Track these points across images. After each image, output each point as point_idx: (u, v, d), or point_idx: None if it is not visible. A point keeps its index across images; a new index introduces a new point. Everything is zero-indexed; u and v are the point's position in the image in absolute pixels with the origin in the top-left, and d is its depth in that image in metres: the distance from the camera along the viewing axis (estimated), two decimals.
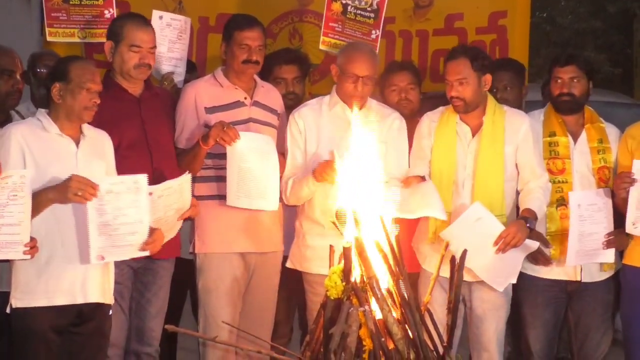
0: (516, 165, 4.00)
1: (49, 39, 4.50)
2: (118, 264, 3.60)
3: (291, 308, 4.43)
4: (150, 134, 3.85)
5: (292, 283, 4.15)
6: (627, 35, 10.92)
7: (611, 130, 4.11)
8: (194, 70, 4.88)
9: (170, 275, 3.94)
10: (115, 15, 4.50)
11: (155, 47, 3.92)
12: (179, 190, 3.57)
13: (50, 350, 3.40)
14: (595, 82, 4.18)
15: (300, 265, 4.02)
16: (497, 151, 3.91)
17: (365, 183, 3.14)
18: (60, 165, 3.39)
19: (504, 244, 3.72)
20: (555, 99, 4.07)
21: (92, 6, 4.43)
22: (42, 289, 3.37)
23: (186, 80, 4.49)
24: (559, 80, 4.04)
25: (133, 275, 3.82)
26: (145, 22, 3.94)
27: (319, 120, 3.97)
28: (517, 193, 4.02)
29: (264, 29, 4.20)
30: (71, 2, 4.48)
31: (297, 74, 4.52)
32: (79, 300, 3.43)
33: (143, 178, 3.42)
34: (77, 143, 3.47)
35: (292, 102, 4.40)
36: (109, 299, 3.55)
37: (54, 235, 3.38)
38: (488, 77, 3.98)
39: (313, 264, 3.89)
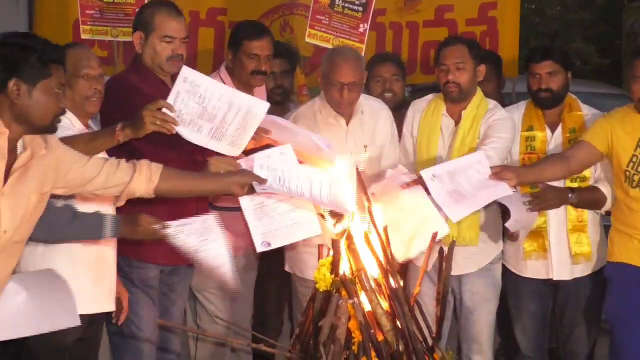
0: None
1: (83, 36, 4.40)
2: (147, 267, 3.51)
3: (281, 302, 4.41)
4: None
5: (282, 278, 4.13)
6: (615, 27, 10.89)
7: (594, 119, 3.99)
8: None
9: (190, 280, 3.82)
10: None
11: (187, 37, 3.65)
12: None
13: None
14: (584, 73, 4.12)
15: (296, 269, 3.95)
16: (470, 147, 3.84)
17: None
18: None
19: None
20: (535, 95, 3.99)
21: (125, 4, 4.32)
22: None
23: None
24: (537, 76, 3.95)
25: (159, 277, 3.64)
26: (177, 10, 3.64)
27: (314, 128, 3.77)
28: None
29: (273, 38, 4.09)
30: (105, 0, 4.39)
31: (286, 67, 4.47)
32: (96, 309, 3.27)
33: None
34: None
35: (280, 97, 4.35)
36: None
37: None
38: (482, 68, 3.94)
39: (306, 268, 3.78)
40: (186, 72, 3.15)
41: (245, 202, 3.16)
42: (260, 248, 3.18)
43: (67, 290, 2.94)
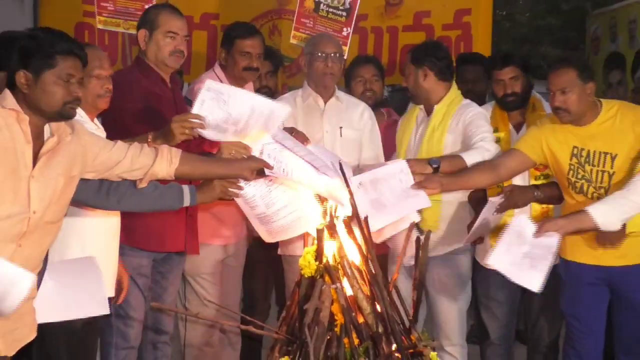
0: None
1: (98, 26, 4.38)
2: (140, 255, 3.48)
3: (269, 287, 4.38)
4: None
5: (270, 265, 4.12)
6: (579, 32, 10.93)
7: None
8: None
9: (182, 267, 3.80)
10: None
11: (188, 35, 3.66)
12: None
13: None
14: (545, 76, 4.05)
15: (287, 250, 3.94)
16: (438, 139, 3.81)
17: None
18: None
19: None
20: (501, 100, 3.94)
21: (136, 0, 4.29)
22: None
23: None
24: (501, 82, 3.90)
25: (152, 266, 3.61)
26: (179, 11, 3.67)
27: (294, 112, 3.85)
28: None
29: (263, 38, 4.09)
30: None
31: (270, 68, 4.48)
32: None
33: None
34: None
35: (266, 96, 4.33)
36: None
37: None
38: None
39: (297, 247, 3.79)
40: (209, 83, 3.16)
41: (246, 209, 3.21)
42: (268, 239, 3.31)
43: (99, 280, 2.92)
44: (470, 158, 3.59)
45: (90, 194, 2.83)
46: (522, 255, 3.29)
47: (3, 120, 2.48)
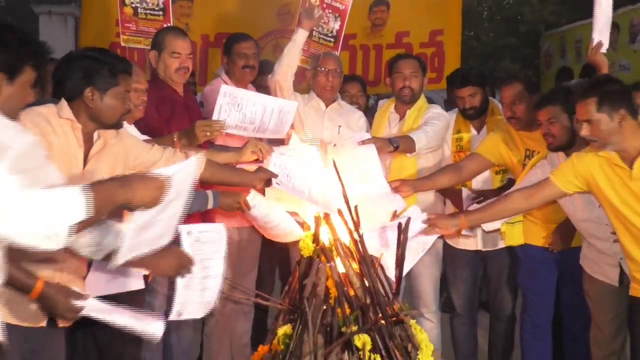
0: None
1: (123, 44, 4.32)
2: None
3: (273, 265, 4.36)
4: None
5: (274, 247, 4.05)
6: (535, 49, 10.92)
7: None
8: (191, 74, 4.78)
9: None
10: None
11: (192, 53, 3.64)
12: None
13: None
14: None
15: None
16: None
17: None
18: None
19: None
20: (462, 113, 3.93)
21: (155, 20, 4.26)
22: None
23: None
24: (461, 99, 3.87)
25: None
26: (183, 32, 3.68)
27: (301, 108, 3.83)
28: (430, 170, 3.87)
29: (256, 41, 4.11)
30: (139, 16, 4.31)
31: None
32: None
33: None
34: None
35: None
36: None
37: None
38: (426, 79, 3.97)
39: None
40: (225, 88, 3.14)
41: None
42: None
43: None
44: (415, 136, 3.65)
45: None
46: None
47: (60, 128, 2.48)
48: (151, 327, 2.43)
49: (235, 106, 3.09)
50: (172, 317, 2.71)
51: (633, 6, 7.37)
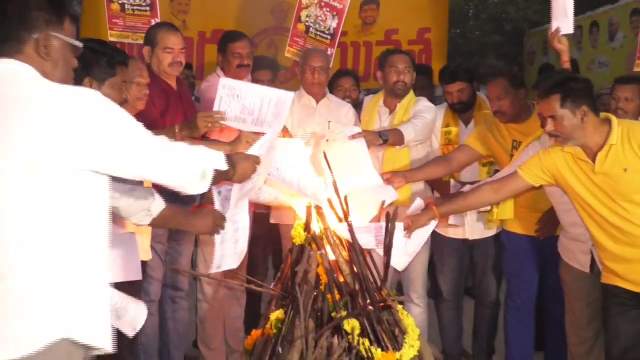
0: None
1: (110, 39, 4.26)
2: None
3: (266, 253, 4.36)
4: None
5: (268, 235, 4.10)
6: (519, 47, 10.94)
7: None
8: (189, 67, 4.81)
9: (193, 235, 3.72)
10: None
11: (184, 48, 3.60)
12: None
13: None
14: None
15: (280, 220, 3.92)
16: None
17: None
18: None
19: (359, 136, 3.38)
20: (451, 107, 3.94)
21: (142, 15, 4.23)
22: None
23: (185, 75, 4.34)
24: (450, 94, 3.89)
25: (167, 235, 3.57)
26: (175, 28, 3.63)
27: (291, 108, 3.82)
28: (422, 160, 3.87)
29: (250, 40, 4.06)
30: (127, 12, 4.29)
31: (270, 77, 4.42)
32: None
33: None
34: None
35: None
36: None
37: None
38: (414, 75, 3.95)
39: (288, 216, 3.76)
40: (224, 81, 3.11)
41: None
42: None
43: (136, 252, 2.87)
44: (403, 129, 3.64)
45: None
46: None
47: None
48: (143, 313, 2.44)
49: (234, 97, 3.07)
50: (213, 270, 2.75)
51: (612, 6, 7.38)
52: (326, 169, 2.94)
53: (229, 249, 2.77)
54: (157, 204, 2.43)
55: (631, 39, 6.48)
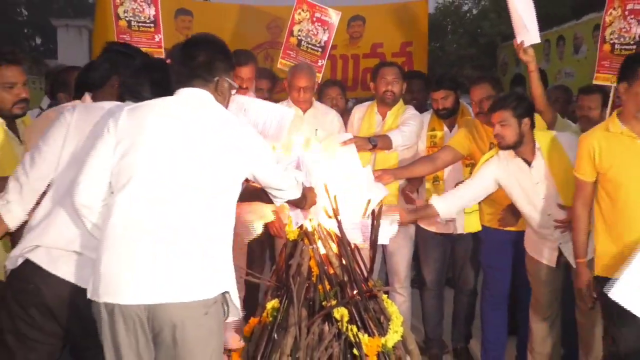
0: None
1: None
2: None
3: (264, 248, 4.34)
4: None
5: (265, 231, 4.03)
6: (493, 59, 11.00)
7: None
8: None
9: None
10: (162, 39, 4.25)
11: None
12: None
13: None
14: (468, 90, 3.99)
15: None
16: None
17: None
18: None
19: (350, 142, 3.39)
20: (436, 113, 3.94)
21: (146, 32, 4.21)
22: None
23: None
24: (435, 100, 3.89)
25: None
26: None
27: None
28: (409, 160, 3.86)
29: (256, 62, 3.91)
30: (133, 29, 4.26)
31: (269, 85, 4.41)
32: None
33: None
34: None
35: None
36: None
37: None
38: (405, 85, 3.95)
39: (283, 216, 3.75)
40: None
41: None
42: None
43: None
44: (392, 135, 3.68)
45: None
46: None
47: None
48: None
49: (241, 111, 3.06)
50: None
51: (577, 21, 7.40)
52: (325, 178, 2.92)
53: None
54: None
55: (594, 51, 6.50)
